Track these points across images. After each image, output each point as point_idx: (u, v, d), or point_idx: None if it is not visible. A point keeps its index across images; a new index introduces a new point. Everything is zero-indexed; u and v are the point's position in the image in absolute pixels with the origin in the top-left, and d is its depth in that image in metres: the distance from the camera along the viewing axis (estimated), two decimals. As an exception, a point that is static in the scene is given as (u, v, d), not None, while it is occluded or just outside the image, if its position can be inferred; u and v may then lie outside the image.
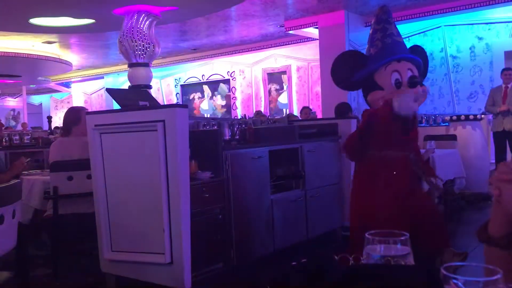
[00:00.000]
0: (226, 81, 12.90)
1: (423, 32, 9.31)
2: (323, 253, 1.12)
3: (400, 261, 0.88)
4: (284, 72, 11.75)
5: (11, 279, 2.37)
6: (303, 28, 8.90)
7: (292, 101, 11.58)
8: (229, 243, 3.43)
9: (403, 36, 3.45)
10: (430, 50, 9.24)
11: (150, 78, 7.11)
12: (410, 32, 9.29)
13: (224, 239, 3.39)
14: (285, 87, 11.77)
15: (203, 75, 13.33)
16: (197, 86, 13.62)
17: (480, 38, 8.85)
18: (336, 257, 0.86)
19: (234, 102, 12.72)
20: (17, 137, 7.06)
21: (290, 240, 3.91)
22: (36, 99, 19.16)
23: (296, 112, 10.76)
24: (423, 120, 7.67)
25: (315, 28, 8.82)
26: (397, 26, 3.44)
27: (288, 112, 10.79)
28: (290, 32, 9.19)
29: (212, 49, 11.65)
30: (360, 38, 8.72)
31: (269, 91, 12.09)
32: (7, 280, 2.32)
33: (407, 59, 3.21)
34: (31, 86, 16.96)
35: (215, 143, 3.44)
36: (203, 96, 13.52)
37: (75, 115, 4.03)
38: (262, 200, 3.70)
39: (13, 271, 2.46)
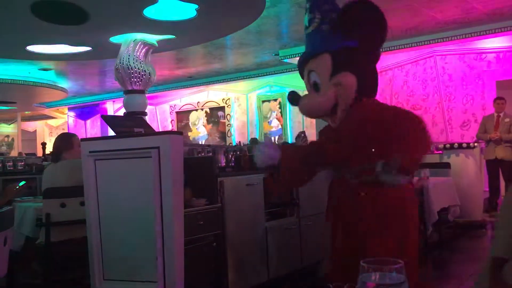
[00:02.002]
0: (221, 108, 12.97)
1: (416, 61, 9.45)
2: (318, 283, 1.11)
3: (395, 290, 0.88)
4: (278, 100, 11.84)
5: (1, 308, 2.33)
6: (298, 56, 9.00)
7: (288, 128, 11.64)
8: (224, 272, 3.39)
9: (396, 64, 3.33)
10: (423, 78, 9.37)
11: (145, 105, 7.15)
12: (402, 60, 9.43)
13: (218, 267, 3.35)
14: (277, 115, 11.85)
15: (198, 102, 13.41)
16: (192, 113, 13.68)
17: (472, 68, 8.99)
18: (331, 286, 0.86)
19: (229, 129, 12.77)
20: (10, 163, 7.02)
21: (285, 268, 3.87)
22: (30, 125, 19.14)
23: (291, 139, 10.80)
24: (417, 148, 7.70)
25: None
26: (391, 55, 3.38)
27: (277, 139, 10.85)
28: (285, 60, 9.30)
29: (207, 77, 11.76)
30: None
31: (265, 118, 12.15)
32: (-4, 309, 2.28)
33: (310, 56, 2.25)
34: (26, 112, 16.97)
35: (209, 170, 3.44)
36: (198, 123, 13.57)
37: (67, 141, 4.05)
38: (257, 227, 3.68)
39: (3, 300, 2.42)
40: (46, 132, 18.75)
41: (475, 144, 6.97)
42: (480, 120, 7.55)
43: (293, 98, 2.28)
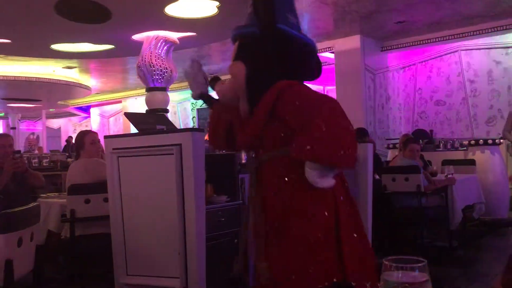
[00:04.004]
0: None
1: (440, 56, 9.31)
2: (340, 280, 1.11)
3: (418, 289, 0.87)
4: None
5: (28, 302, 2.38)
6: (319, 52, 8.95)
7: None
8: (245, 268, 3.39)
9: (421, 61, 3.24)
10: (447, 74, 9.22)
11: (167, 102, 7.21)
12: (427, 56, 9.29)
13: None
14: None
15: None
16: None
17: (498, 62, 8.80)
18: (353, 283, 0.85)
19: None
20: (36, 160, 7.17)
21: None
22: (55, 122, 19.50)
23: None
24: (441, 144, 7.61)
25: (330, 52, 8.88)
26: (414, 50, 3.29)
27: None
28: (306, 56, 9.25)
29: (228, 73, 11.77)
30: (376, 62, 8.75)
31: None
32: (23, 303, 2.33)
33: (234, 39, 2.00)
34: (51, 110, 17.30)
35: (231, 167, 3.46)
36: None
37: (80, 140, 4.13)
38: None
39: (30, 294, 2.47)
40: (71, 129, 19.08)
41: (501, 140, 6.83)
42: (507, 116, 7.40)
43: (211, 82, 2.13)
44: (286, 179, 1.63)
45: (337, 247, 1.57)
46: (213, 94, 2.19)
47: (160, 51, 6.79)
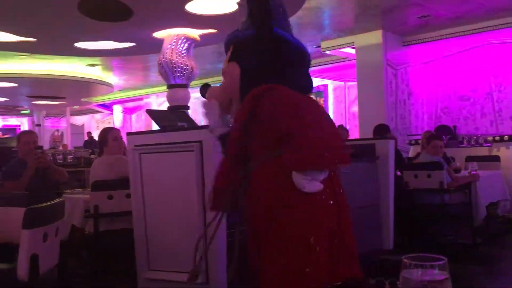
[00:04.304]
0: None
1: (464, 50, 9.14)
2: (358, 277, 1.11)
3: (437, 287, 0.86)
4: (320, 92, 11.74)
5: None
6: (340, 48, 8.91)
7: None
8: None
9: (444, 56, 3.17)
10: (471, 68, 9.05)
11: (188, 99, 7.25)
12: (450, 50, 9.13)
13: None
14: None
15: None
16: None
17: (524, 57, 8.61)
18: (372, 280, 0.85)
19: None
20: (60, 157, 7.31)
21: (327, 262, 3.85)
22: (78, 119, 19.83)
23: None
24: (464, 140, 7.48)
25: (352, 48, 8.81)
26: (438, 44, 3.22)
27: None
28: (327, 52, 9.21)
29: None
30: (398, 57, 8.65)
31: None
32: (49, 296, 2.39)
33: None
34: (75, 107, 17.59)
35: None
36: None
37: (102, 137, 4.20)
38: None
39: (55, 288, 2.53)
40: (94, 126, 19.37)
41: (527, 136, 6.69)
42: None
43: (202, 90, 2.06)
44: (275, 183, 1.57)
45: (331, 247, 1.57)
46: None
47: (181, 48, 6.83)
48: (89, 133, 16.76)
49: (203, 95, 2.05)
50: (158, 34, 7.00)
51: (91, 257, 3.94)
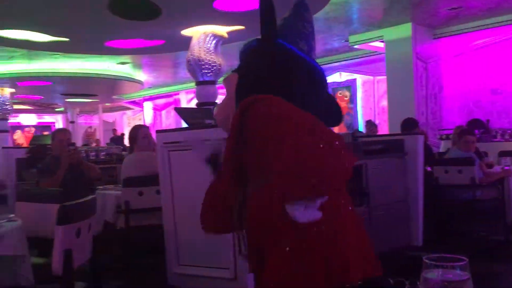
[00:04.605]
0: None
1: (497, 42, 8.90)
2: (378, 276, 1.11)
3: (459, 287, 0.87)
4: (349, 87, 11.64)
5: (86, 289, 2.52)
6: (368, 42, 8.81)
7: (357, 116, 11.43)
8: None
9: (476, 48, 3.05)
10: (505, 61, 8.81)
11: (216, 95, 7.31)
12: (482, 42, 8.91)
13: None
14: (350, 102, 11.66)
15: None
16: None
17: (560, 47, 8.33)
18: (391, 280, 0.86)
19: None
20: (93, 153, 7.49)
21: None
22: (110, 116, 20.23)
23: (361, 127, 10.61)
24: (498, 135, 7.31)
25: (380, 41, 8.71)
26: (469, 36, 3.10)
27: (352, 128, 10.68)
28: (355, 46, 9.12)
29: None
30: (428, 50, 8.49)
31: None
32: (82, 290, 2.48)
33: None
34: (106, 104, 17.96)
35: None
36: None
37: (132, 134, 4.29)
38: (326, 217, 3.67)
39: (88, 282, 2.61)
40: (125, 122, 19.74)
41: None
42: None
43: None
44: (268, 213, 1.34)
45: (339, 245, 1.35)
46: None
47: (208, 45, 6.89)
48: (114, 130, 17.09)
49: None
50: (186, 32, 7.08)
51: (123, 252, 4.04)
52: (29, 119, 19.67)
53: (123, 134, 14.85)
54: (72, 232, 2.28)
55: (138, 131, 4.28)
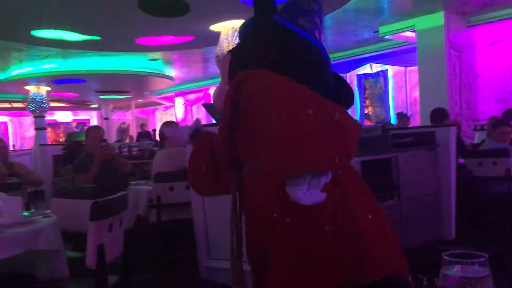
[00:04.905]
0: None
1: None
2: (397, 273, 1.11)
3: (477, 284, 0.86)
4: (379, 78, 11.47)
5: (119, 282, 2.60)
6: (399, 32, 8.65)
7: (389, 108, 11.26)
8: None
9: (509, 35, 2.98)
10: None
11: (245, 90, 7.34)
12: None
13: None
14: (381, 93, 11.49)
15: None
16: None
17: None
18: (409, 277, 0.86)
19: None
20: (126, 149, 7.65)
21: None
22: (143, 112, 20.57)
23: (393, 119, 10.45)
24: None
25: (412, 31, 8.53)
26: (506, 23, 2.97)
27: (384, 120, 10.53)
28: (386, 37, 8.97)
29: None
30: (461, 39, 8.27)
31: (365, 98, 11.86)
32: (116, 283, 2.55)
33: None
34: (139, 100, 18.26)
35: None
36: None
37: (162, 131, 4.37)
38: (355, 211, 3.66)
39: (121, 275, 2.69)
40: (158, 118, 20.04)
41: None
42: None
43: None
44: (265, 197, 1.26)
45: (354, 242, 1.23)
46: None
47: (236, 41, 6.92)
48: (142, 125, 17.37)
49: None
50: (214, 27, 7.13)
51: (155, 245, 4.13)
52: (65, 116, 20.21)
53: (154, 130, 15.08)
54: (104, 227, 2.35)
55: (167, 128, 4.35)
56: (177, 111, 17.72)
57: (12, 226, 2.40)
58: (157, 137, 10.28)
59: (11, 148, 14.28)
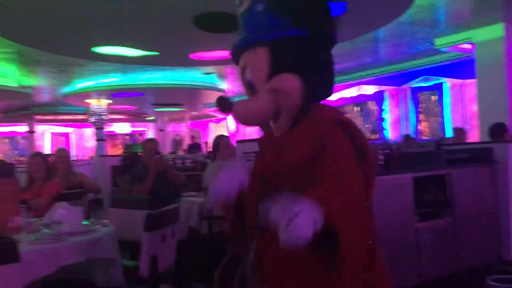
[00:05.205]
0: (373, 102, 12.71)
1: None
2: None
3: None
4: (435, 92, 11.18)
5: (171, 291, 2.69)
6: (456, 44, 8.42)
7: (445, 122, 10.93)
8: None
9: None
10: None
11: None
12: None
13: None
14: (436, 107, 11.19)
15: (350, 97, 13.31)
16: (344, 108, 13.65)
17: None
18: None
19: (381, 123, 12.46)
20: (180, 161, 7.85)
21: (437, 272, 3.71)
22: (196, 124, 21.01)
23: (449, 134, 10.14)
24: None
25: (469, 43, 8.29)
26: None
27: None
28: (442, 49, 8.76)
29: (358, 71, 11.62)
30: (523, 51, 7.95)
31: (419, 112, 11.58)
32: (167, 292, 2.64)
33: (245, 47, 1.54)
34: (193, 113, 18.69)
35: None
36: (352, 118, 13.46)
37: (215, 144, 4.49)
38: (406, 228, 3.59)
39: (173, 285, 2.78)
40: (211, 130, 20.40)
41: None
42: None
43: (223, 104, 1.58)
44: None
45: None
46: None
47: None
48: (192, 137, 17.71)
49: (223, 109, 1.60)
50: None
51: (206, 257, 4.21)
52: (123, 128, 20.98)
53: (206, 143, 15.37)
54: (157, 238, 2.44)
55: (220, 141, 4.47)
56: (229, 123, 17.99)
57: (73, 235, 2.53)
58: (209, 149, 10.49)
59: (74, 158, 14.99)
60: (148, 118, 20.09)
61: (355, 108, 13.38)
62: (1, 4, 5.29)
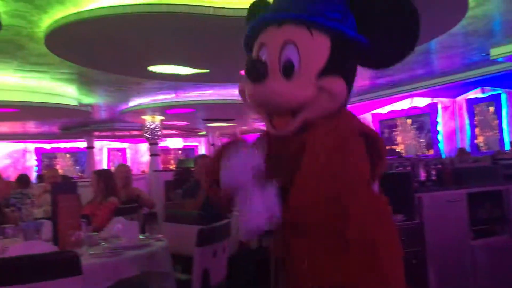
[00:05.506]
0: (427, 115, 12.41)
1: None
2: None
3: None
4: (492, 103, 10.79)
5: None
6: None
7: (502, 135, 10.51)
8: None
9: None
10: None
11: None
12: None
13: (417, 285, 3.31)
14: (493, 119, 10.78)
15: (402, 109, 13.06)
16: (395, 121, 13.39)
17: None
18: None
19: (435, 136, 12.13)
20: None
21: (495, 291, 3.59)
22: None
23: (508, 146, 9.74)
24: None
25: (524, 53, 7.98)
26: None
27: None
28: (498, 59, 8.47)
29: (411, 83, 11.40)
30: None
31: (475, 125, 11.20)
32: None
33: (292, 21, 1.38)
34: (243, 127, 18.91)
35: (407, 186, 3.43)
36: (402, 131, 13.22)
37: None
38: (461, 246, 3.51)
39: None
40: (261, 144, 20.51)
41: None
42: None
43: (257, 69, 1.43)
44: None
45: None
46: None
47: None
48: None
49: (257, 76, 1.39)
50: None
51: (257, 271, 4.25)
52: (176, 143, 21.50)
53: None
54: (209, 253, 2.52)
55: None
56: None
57: (130, 249, 2.65)
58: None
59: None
60: (200, 133, 20.51)
61: (408, 121, 13.11)
62: (64, 30, 5.63)
